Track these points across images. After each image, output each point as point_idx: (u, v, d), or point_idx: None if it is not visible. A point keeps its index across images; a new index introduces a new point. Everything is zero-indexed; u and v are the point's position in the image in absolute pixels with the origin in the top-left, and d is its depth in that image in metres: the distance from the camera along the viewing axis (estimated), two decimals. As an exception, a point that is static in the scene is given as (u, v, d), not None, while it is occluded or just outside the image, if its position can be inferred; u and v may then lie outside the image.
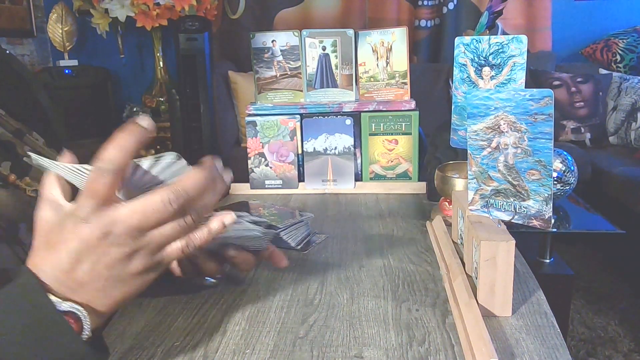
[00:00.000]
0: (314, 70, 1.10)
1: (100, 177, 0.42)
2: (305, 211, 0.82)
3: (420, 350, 0.50)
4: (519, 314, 0.57)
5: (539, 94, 0.53)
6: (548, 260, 1.63)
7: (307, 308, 0.59)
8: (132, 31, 3.05)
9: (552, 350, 0.50)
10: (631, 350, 1.83)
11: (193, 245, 0.47)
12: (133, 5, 2.79)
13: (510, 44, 0.66)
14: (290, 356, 0.50)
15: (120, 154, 0.43)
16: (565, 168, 1.32)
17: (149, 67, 3.33)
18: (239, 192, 1.10)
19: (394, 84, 1.09)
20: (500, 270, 0.55)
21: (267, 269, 0.69)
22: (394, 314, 0.57)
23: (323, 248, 0.77)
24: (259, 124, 1.09)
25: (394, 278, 0.66)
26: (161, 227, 0.44)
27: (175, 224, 0.45)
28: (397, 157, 1.08)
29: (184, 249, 0.46)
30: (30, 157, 0.47)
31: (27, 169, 0.56)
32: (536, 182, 0.56)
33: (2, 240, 0.47)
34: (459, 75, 0.72)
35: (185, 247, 0.46)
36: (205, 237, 0.47)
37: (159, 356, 0.51)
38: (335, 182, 1.08)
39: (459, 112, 0.74)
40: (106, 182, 0.42)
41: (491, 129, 0.58)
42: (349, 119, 1.06)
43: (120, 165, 0.43)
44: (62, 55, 3.13)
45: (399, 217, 0.90)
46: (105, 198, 0.43)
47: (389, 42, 1.08)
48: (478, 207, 0.62)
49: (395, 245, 0.77)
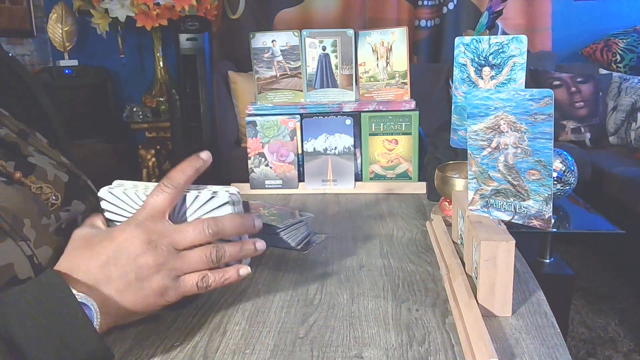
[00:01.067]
0: (314, 70, 1.10)
1: (161, 193, 0.50)
2: (305, 211, 0.81)
3: (420, 350, 0.50)
4: (519, 314, 0.57)
5: (539, 94, 0.53)
6: (548, 260, 1.63)
7: (307, 308, 0.59)
8: (132, 31, 3.05)
9: (552, 350, 0.50)
10: (631, 350, 1.83)
11: (206, 283, 0.51)
12: (133, 5, 2.79)
13: (510, 44, 0.66)
14: (290, 356, 0.50)
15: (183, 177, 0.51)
16: (565, 168, 1.32)
17: (149, 67, 3.32)
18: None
19: (394, 84, 1.09)
20: (500, 270, 0.55)
21: (267, 269, 0.69)
22: (394, 314, 0.57)
23: (323, 248, 0.77)
24: (259, 124, 1.09)
25: (394, 278, 0.66)
26: (191, 251, 0.50)
27: (202, 254, 0.50)
28: (397, 157, 1.08)
29: (198, 283, 0.51)
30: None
31: (32, 168, 0.57)
32: (536, 182, 0.56)
33: (8, 235, 0.48)
34: (459, 75, 0.72)
35: (200, 282, 0.51)
36: (218, 282, 0.52)
37: (159, 356, 0.51)
38: (335, 182, 1.08)
39: (459, 112, 0.74)
40: (165, 197, 0.50)
41: (491, 129, 0.58)
42: (349, 119, 1.06)
43: (180, 187, 0.50)
44: (62, 55, 3.13)
45: (399, 217, 0.90)
46: (161, 211, 0.50)
47: (389, 42, 1.08)
48: (478, 207, 0.62)
49: (395, 245, 0.77)
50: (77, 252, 0.49)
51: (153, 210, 0.49)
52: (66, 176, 0.61)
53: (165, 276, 0.49)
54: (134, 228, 0.49)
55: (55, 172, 0.59)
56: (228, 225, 0.51)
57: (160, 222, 0.50)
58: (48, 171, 0.59)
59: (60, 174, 0.60)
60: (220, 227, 0.51)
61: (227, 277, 0.52)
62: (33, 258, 0.50)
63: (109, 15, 2.86)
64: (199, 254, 0.50)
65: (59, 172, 0.60)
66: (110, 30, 3.00)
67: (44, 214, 0.53)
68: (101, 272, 0.47)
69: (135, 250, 0.48)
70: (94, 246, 0.49)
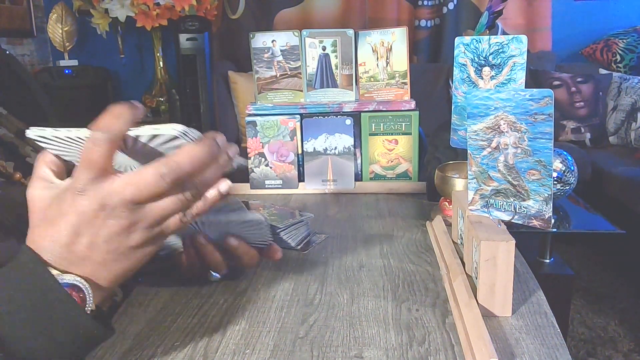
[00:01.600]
0: (314, 70, 1.10)
1: (95, 146, 0.42)
2: (305, 211, 0.81)
3: (420, 350, 0.50)
4: (519, 314, 0.57)
5: (539, 94, 0.53)
6: (548, 260, 1.63)
7: (307, 308, 0.59)
8: (132, 31, 3.05)
9: (552, 350, 0.50)
10: (631, 350, 1.83)
11: (191, 215, 0.46)
12: (133, 5, 2.79)
13: (510, 44, 0.66)
14: (290, 356, 0.50)
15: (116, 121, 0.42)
16: (565, 168, 1.32)
17: (149, 67, 3.32)
18: (239, 192, 1.10)
19: (394, 84, 1.09)
20: (500, 270, 0.55)
21: (267, 269, 0.69)
22: (394, 314, 0.57)
23: (323, 248, 0.77)
24: (259, 124, 1.09)
25: (394, 278, 0.66)
26: (159, 201, 0.44)
27: (174, 198, 0.44)
28: (397, 157, 1.08)
29: (182, 219, 0.46)
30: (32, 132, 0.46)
31: (30, 168, 0.57)
32: (536, 182, 0.56)
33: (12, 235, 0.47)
34: (459, 75, 0.72)
35: (183, 217, 0.46)
36: (202, 207, 0.47)
37: (159, 356, 0.51)
38: (335, 182, 1.08)
39: (459, 112, 0.74)
40: (102, 151, 0.42)
41: (491, 129, 0.58)
42: (349, 119, 1.06)
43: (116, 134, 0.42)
44: (62, 55, 3.13)
45: (399, 217, 0.90)
46: (101, 168, 0.43)
47: (389, 42, 1.08)
48: (478, 207, 0.62)
49: (395, 245, 0.77)
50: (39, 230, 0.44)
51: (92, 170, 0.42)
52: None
53: (141, 230, 0.44)
54: (80, 198, 0.43)
55: None
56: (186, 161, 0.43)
57: (106, 182, 0.43)
58: None
59: None
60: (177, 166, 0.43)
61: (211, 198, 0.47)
62: None
63: (109, 15, 2.86)
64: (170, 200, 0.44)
65: None
66: (110, 30, 3.00)
67: None
68: (69, 253, 0.43)
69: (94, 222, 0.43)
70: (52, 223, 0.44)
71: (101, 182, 0.43)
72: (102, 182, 0.43)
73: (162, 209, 0.44)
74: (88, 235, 0.43)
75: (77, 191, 0.43)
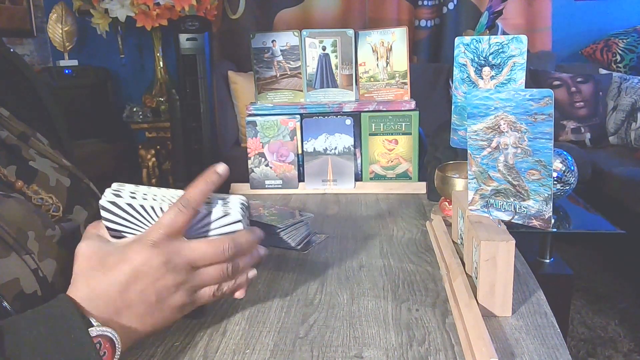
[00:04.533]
0: (314, 70, 1.10)
1: (178, 212, 0.48)
2: (305, 211, 0.81)
3: (420, 350, 0.50)
4: (519, 314, 0.57)
5: (539, 94, 0.53)
6: (548, 260, 1.63)
7: (307, 308, 0.59)
8: (132, 31, 3.05)
9: (552, 350, 0.50)
10: (631, 350, 1.83)
11: (221, 291, 0.52)
12: (133, 5, 2.79)
13: (510, 44, 0.66)
14: (290, 356, 0.50)
15: (200, 197, 0.50)
16: (565, 168, 1.32)
17: (149, 67, 3.32)
18: (239, 192, 1.10)
19: (394, 84, 1.09)
20: (500, 270, 0.55)
21: (267, 269, 0.69)
22: (394, 314, 0.57)
23: (323, 248, 0.77)
24: (259, 124, 1.09)
25: (394, 278, 0.66)
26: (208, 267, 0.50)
27: (220, 269, 0.51)
28: (397, 157, 1.08)
29: (215, 292, 0.52)
30: None
31: (33, 173, 0.56)
32: (536, 182, 0.56)
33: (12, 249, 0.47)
34: (459, 75, 0.72)
35: (216, 291, 0.52)
36: (232, 287, 0.53)
37: (159, 356, 0.51)
38: (335, 182, 1.08)
39: (459, 112, 0.74)
40: (186, 217, 0.49)
41: (491, 129, 0.58)
42: (349, 119, 1.06)
43: (197, 207, 0.50)
44: (62, 55, 3.12)
45: (399, 217, 0.90)
46: (176, 231, 0.49)
47: (389, 42, 1.08)
48: (478, 207, 0.62)
49: (395, 245, 0.77)
50: (92, 274, 0.47)
51: (169, 230, 0.48)
52: (68, 180, 0.60)
53: (184, 294, 0.49)
54: (151, 249, 0.47)
55: (57, 176, 0.58)
56: (245, 242, 0.52)
57: (177, 241, 0.49)
58: (50, 176, 0.57)
59: (62, 178, 0.59)
60: (238, 246, 0.51)
61: (239, 282, 0.54)
62: (38, 271, 0.48)
63: (109, 15, 2.85)
64: (216, 270, 0.51)
65: (61, 177, 0.59)
66: (110, 30, 3.00)
67: (48, 226, 0.52)
68: (121, 298, 0.46)
69: (155, 272, 0.47)
70: (110, 268, 0.47)
71: (174, 241, 0.49)
72: (175, 241, 0.49)
73: (208, 275, 0.51)
74: (144, 282, 0.47)
75: (149, 243, 0.48)
